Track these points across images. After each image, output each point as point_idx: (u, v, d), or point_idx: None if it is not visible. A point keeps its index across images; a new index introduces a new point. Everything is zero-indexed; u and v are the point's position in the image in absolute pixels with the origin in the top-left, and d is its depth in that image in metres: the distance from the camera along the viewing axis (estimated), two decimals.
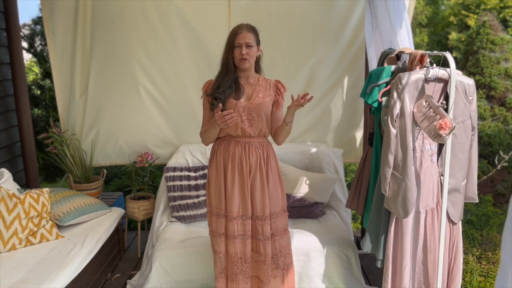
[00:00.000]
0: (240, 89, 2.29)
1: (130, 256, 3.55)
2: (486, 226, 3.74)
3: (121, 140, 3.78)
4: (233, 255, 2.29)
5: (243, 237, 2.29)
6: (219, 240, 2.33)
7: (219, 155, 2.33)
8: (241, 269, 2.30)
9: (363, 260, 3.20)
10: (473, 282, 2.89)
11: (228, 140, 2.32)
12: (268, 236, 2.30)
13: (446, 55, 2.13)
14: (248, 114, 2.26)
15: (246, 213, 2.28)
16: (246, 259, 2.30)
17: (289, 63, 3.64)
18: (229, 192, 2.28)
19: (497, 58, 5.50)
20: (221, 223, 2.31)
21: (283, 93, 2.35)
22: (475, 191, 2.37)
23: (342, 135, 3.85)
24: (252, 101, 2.28)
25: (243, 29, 2.24)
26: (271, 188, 2.31)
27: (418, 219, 2.27)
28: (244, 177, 2.27)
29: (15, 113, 3.72)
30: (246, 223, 2.28)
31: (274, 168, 2.34)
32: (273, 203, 2.32)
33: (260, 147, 2.31)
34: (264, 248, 2.30)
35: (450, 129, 1.99)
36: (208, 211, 2.40)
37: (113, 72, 3.63)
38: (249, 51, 2.21)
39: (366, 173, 2.73)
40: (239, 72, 2.31)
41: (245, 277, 2.32)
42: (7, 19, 3.56)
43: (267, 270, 2.32)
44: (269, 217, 2.30)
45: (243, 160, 2.27)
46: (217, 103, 2.23)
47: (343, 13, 3.54)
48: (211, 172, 2.36)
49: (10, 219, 2.65)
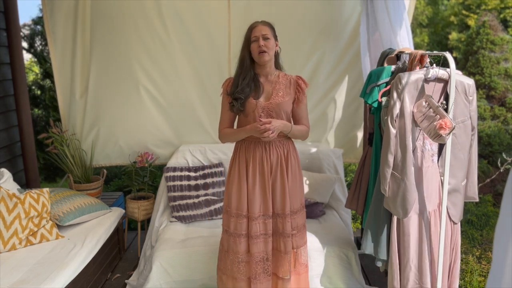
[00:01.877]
0: (259, 87, 2.26)
1: (130, 256, 3.55)
2: (486, 226, 3.73)
3: (121, 140, 3.78)
4: (256, 255, 2.28)
5: (265, 236, 2.29)
6: (238, 241, 2.30)
7: (241, 156, 2.31)
8: (264, 267, 2.29)
9: (363, 260, 3.20)
10: (473, 282, 2.88)
11: (248, 141, 2.30)
12: (288, 234, 2.29)
13: (446, 55, 2.13)
14: (268, 114, 2.25)
15: (267, 213, 2.27)
16: (268, 258, 2.30)
17: (289, 63, 3.63)
18: (251, 192, 2.27)
19: (497, 58, 5.50)
20: (241, 224, 2.29)
21: (304, 89, 2.32)
22: (475, 191, 2.37)
23: (342, 135, 3.85)
24: (272, 101, 2.25)
25: (258, 23, 2.24)
26: (291, 185, 2.31)
27: (423, 220, 2.26)
28: (265, 177, 2.26)
29: (15, 113, 3.72)
30: (268, 222, 2.28)
31: (294, 165, 2.33)
32: (293, 200, 2.32)
33: (281, 145, 2.30)
34: (285, 245, 2.30)
35: (450, 129, 1.99)
36: (225, 212, 2.37)
37: (113, 72, 3.63)
38: (267, 43, 2.19)
39: (366, 173, 2.73)
40: (258, 70, 2.28)
41: (267, 275, 2.32)
42: (7, 19, 3.56)
43: (288, 267, 2.32)
44: (290, 214, 2.30)
45: (264, 160, 2.26)
46: (237, 103, 2.22)
47: (343, 13, 3.54)
48: (233, 173, 2.33)
49: (10, 219, 2.65)
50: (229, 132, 2.33)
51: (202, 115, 3.76)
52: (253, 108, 2.23)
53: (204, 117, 3.76)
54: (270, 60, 2.26)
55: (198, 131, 3.81)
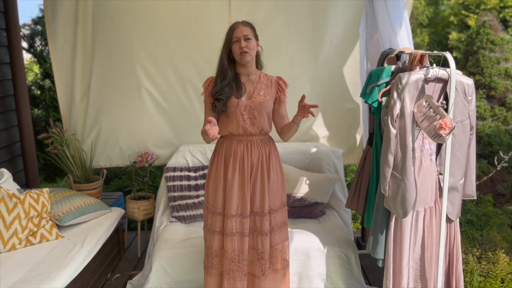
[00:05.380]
0: (241, 87, 2.28)
1: (130, 256, 3.55)
2: (486, 226, 3.73)
3: (121, 141, 3.77)
4: (230, 252, 2.28)
5: (241, 235, 2.29)
6: (212, 237, 2.33)
7: (221, 154, 2.33)
8: (238, 266, 2.29)
9: (363, 260, 3.20)
10: (473, 282, 2.89)
11: (230, 139, 2.32)
12: (266, 232, 2.30)
13: (446, 55, 2.13)
14: (250, 113, 2.26)
15: (245, 212, 2.28)
16: (243, 257, 2.30)
17: (289, 63, 3.63)
18: (228, 190, 2.28)
19: (497, 58, 5.49)
20: (216, 221, 2.32)
21: (284, 90, 2.36)
22: (473, 189, 2.39)
23: (342, 135, 3.85)
24: (254, 100, 2.28)
25: (239, 24, 2.26)
26: (272, 183, 2.31)
27: (417, 217, 2.28)
28: (245, 175, 2.27)
29: (15, 113, 3.72)
30: (244, 221, 2.28)
31: (275, 164, 2.35)
32: (273, 199, 2.32)
33: (262, 144, 2.31)
34: (262, 243, 2.30)
35: (450, 129, 2.00)
36: (205, 207, 2.41)
37: (114, 73, 3.63)
38: (248, 44, 2.21)
39: (366, 173, 2.73)
40: (240, 69, 2.30)
41: (242, 274, 2.31)
42: (7, 19, 3.56)
43: (264, 265, 2.32)
44: (269, 212, 2.31)
45: (245, 159, 2.27)
46: (219, 104, 2.23)
47: (343, 13, 3.54)
48: (211, 170, 2.37)
49: (10, 219, 2.65)
50: (203, 132, 2.22)
51: (202, 115, 3.75)
52: (235, 107, 2.24)
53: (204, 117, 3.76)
54: (251, 60, 2.28)
55: (198, 131, 3.76)
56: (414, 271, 2.34)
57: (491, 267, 2.98)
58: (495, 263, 3.01)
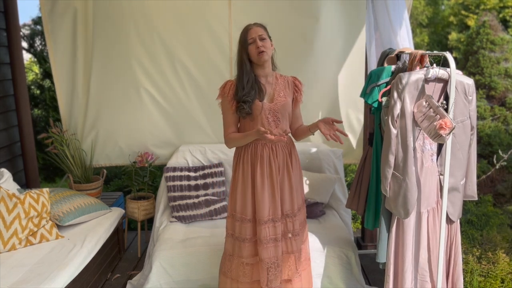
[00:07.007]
0: (262, 90, 2.26)
1: (130, 256, 3.55)
2: (486, 226, 3.73)
3: (121, 141, 3.78)
4: (267, 260, 2.23)
5: (275, 241, 2.25)
6: (243, 245, 2.27)
7: (246, 160, 2.27)
8: (275, 274, 2.24)
9: (363, 260, 3.20)
10: (473, 282, 2.88)
11: (254, 143, 2.27)
12: (298, 232, 2.30)
13: (446, 55, 2.13)
14: (274, 116, 2.25)
15: (276, 215, 2.24)
16: (279, 263, 2.25)
17: (290, 63, 3.63)
18: (259, 196, 2.22)
19: (497, 58, 5.50)
20: (246, 228, 2.26)
21: (301, 90, 2.36)
22: (474, 190, 2.38)
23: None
24: (276, 102, 2.26)
25: (252, 25, 2.24)
26: (295, 182, 2.31)
27: (420, 219, 2.27)
28: (273, 179, 2.24)
29: (15, 113, 3.72)
30: (277, 226, 2.24)
31: (296, 162, 2.35)
32: (298, 197, 2.34)
33: (285, 145, 2.30)
34: (296, 244, 2.29)
35: (450, 129, 1.99)
36: (229, 216, 2.35)
37: (114, 72, 3.63)
38: (264, 43, 2.19)
39: (366, 173, 2.73)
40: (258, 71, 2.27)
41: (277, 282, 2.26)
42: (7, 19, 3.56)
43: (299, 265, 2.31)
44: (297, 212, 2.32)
45: (272, 161, 2.24)
46: (246, 107, 2.19)
47: (343, 12, 3.54)
48: (237, 177, 2.30)
49: (10, 219, 2.65)
50: (237, 137, 2.26)
51: (202, 115, 3.76)
52: (259, 110, 2.22)
53: (204, 117, 3.76)
54: (268, 60, 2.26)
55: (198, 131, 3.81)
56: (420, 277, 2.30)
57: (491, 267, 2.98)
58: (495, 263, 3.01)
